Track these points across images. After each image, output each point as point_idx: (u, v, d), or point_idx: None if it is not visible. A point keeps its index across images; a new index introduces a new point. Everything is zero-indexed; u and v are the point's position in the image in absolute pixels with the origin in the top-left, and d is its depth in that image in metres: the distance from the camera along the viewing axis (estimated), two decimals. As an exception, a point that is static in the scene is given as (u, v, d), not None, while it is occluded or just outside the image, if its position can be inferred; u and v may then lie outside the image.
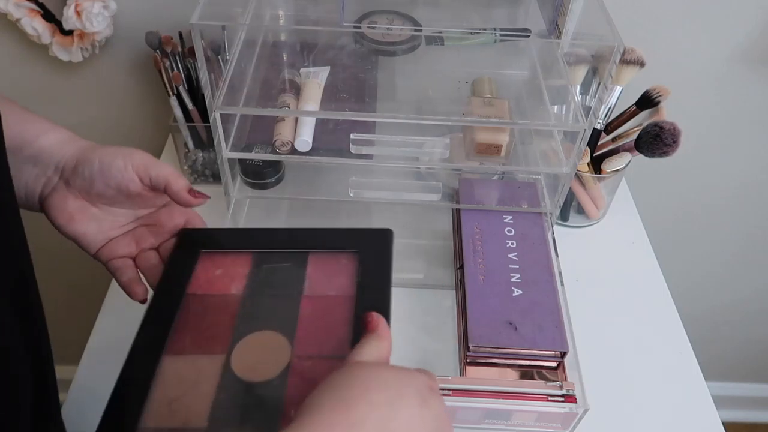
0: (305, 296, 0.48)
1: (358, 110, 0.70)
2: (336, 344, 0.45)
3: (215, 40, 0.63)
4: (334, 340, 0.45)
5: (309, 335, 0.45)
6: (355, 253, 0.50)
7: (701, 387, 0.67)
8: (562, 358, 0.59)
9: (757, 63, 0.91)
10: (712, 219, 1.13)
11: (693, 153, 0.98)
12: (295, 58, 0.76)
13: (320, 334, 0.45)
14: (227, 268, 0.50)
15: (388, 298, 0.46)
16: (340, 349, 0.44)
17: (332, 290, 0.48)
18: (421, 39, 0.75)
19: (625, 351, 0.70)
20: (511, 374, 0.60)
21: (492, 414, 0.58)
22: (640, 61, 0.75)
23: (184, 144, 0.85)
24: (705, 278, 1.24)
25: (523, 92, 0.79)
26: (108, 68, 0.93)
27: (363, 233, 0.51)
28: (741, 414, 1.53)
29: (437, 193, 0.72)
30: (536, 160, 0.76)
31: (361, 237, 0.51)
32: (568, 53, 0.72)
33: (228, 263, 0.51)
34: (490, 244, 0.67)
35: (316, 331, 0.46)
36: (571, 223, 0.84)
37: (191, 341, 0.45)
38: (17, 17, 0.82)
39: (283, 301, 0.48)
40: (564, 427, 0.59)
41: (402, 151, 0.68)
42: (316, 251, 0.51)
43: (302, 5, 0.79)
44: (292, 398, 0.42)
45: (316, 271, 0.50)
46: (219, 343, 0.45)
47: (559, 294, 0.63)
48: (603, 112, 0.77)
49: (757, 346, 1.39)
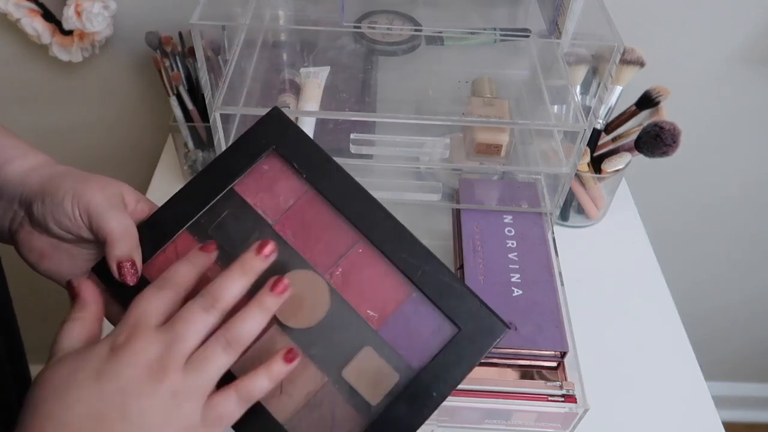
0: (275, 225, 0.45)
1: (358, 110, 0.70)
2: (342, 238, 0.44)
3: (215, 40, 0.63)
4: (337, 236, 0.44)
5: (316, 250, 0.44)
6: (270, 153, 0.46)
7: (701, 387, 0.67)
8: (562, 358, 0.59)
9: (757, 63, 0.91)
10: (712, 219, 1.13)
11: (693, 153, 0.98)
12: (295, 58, 0.76)
13: (323, 242, 0.44)
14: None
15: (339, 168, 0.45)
16: (348, 238, 0.44)
17: (289, 200, 0.46)
18: (421, 39, 0.75)
19: (625, 351, 0.70)
20: (511, 374, 0.60)
21: (492, 414, 0.58)
22: (640, 61, 0.75)
23: (184, 144, 0.85)
24: (705, 278, 1.24)
25: (523, 92, 0.79)
26: (108, 68, 0.93)
27: (257, 132, 0.46)
28: (741, 414, 1.53)
29: (437, 193, 0.72)
30: (536, 160, 0.76)
31: (260, 135, 0.46)
32: (568, 53, 0.72)
33: (174, 257, 0.45)
34: (490, 244, 0.67)
35: (317, 243, 0.44)
36: (571, 223, 0.84)
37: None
38: (17, 17, 0.82)
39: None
40: (564, 427, 0.59)
41: (402, 151, 0.68)
42: (236, 181, 0.46)
43: (302, 5, 0.79)
44: (360, 304, 0.43)
45: (256, 196, 0.46)
46: None
47: (559, 294, 0.63)
48: (603, 112, 0.77)
49: (757, 346, 1.39)
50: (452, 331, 0.42)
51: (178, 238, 0.45)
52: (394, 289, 0.43)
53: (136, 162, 1.04)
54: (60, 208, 0.41)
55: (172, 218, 0.45)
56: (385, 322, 0.43)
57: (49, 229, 0.43)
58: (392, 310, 0.43)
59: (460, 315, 0.42)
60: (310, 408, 0.41)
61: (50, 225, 0.42)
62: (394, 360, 0.42)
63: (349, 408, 0.41)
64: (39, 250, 0.44)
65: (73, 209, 0.41)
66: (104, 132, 1.02)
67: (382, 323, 0.43)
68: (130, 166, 1.05)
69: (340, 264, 0.44)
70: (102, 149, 1.04)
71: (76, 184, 0.42)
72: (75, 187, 0.42)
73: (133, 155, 1.04)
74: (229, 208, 0.46)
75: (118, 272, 0.42)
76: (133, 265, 0.42)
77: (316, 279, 0.44)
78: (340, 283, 0.44)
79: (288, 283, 0.39)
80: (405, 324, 0.43)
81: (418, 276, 0.43)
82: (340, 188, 0.45)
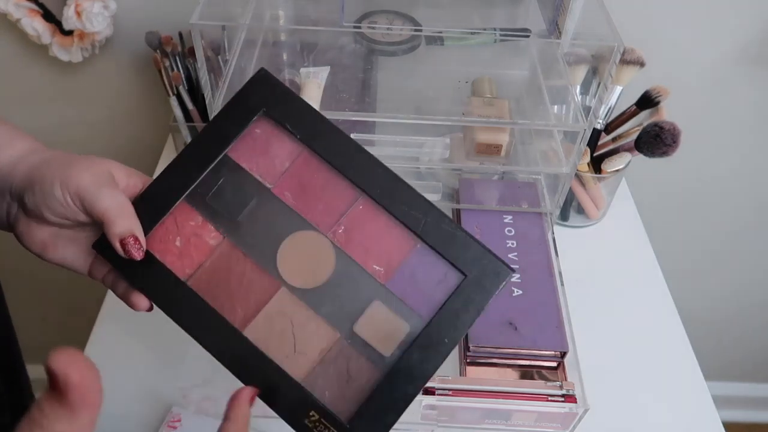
0: (274, 188, 0.45)
1: (358, 110, 0.70)
2: (342, 196, 0.44)
3: (215, 40, 0.63)
4: (337, 194, 0.44)
5: (316, 210, 0.44)
6: (260, 116, 0.45)
7: (701, 387, 0.67)
8: (562, 358, 0.59)
9: (757, 63, 0.91)
10: (712, 219, 1.13)
11: (693, 153, 0.98)
12: (295, 58, 0.76)
13: (323, 201, 0.45)
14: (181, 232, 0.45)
15: (331, 125, 0.45)
16: (348, 195, 0.44)
17: (284, 163, 0.45)
18: (421, 39, 0.75)
19: (625, 351, 0.70)
20: (511, 374, 0.60)
21: (492, 414, 0.58)
22: (640, 61, 0.75)
23: (184, 144, 0.85)
24: (705, 278, 1.24)
25: (523, 92, 0.79)
26: (108, 68, 0.93)
27: (245, 95, 0.45)
28: (741, 414, 1.53)
29: (437, 193, 0.72)
30: (536, 160, 0.76)
31: (248, 98, 0.45)
32: (568, 53, 0.72)
33: (174, 228, 0.45)
34: (490, 244, 0.67)
35: (316, 203, 0.45)
36: (571, 223, 0.84)
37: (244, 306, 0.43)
38: (17, 17, 0.82)
39: (262, 209, 0.45)
40: (564, 427, 0.59)
41: (402, 151, 0.68)
42: (229, 147, 0.45)
43: (302, 5, 0.79)
44: (365, 259, 0.43)
45: (251, 160, 0.45)
46: (265, 284, 0.43)
47: (559, 294, 0.63)
48: (603, 112, 0.77)
49: (757, 346, 1.39)
50: (458, 279, 0.43)
51: (177, 209, 0.45)
52: (398, 242, 0.44)
53: (136, 162, 1.04)
54: (50, 196, 0.40)
55: (168, 189, 0.45)
56: (392, 275, 0.43)
57: (45, 218, 0.42)
58: (398, 263, 0.43)
59: (465, 262, 0.43)
60: (325, 365, 0.42)
61: (46, 214, 0.41)
62: (404, 311, 0.42)
63: (364, 361, 0.42)
64: (40, 241, 0.43)
65: (63, 195, 0.40)
66: (104, 132, 1.02)
67: (389, 277, 0.43)
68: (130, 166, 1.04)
69: (341, 222, 0.44)
70: (102, 149, 1.04)
71: (63, 170, 0.41)
72: (61, 172, 0.41)
73: (133, 155, 1.04)
74: (225, 175, 0.45)
75: (122, 250, 0.41)
76: (136, 240, 0.41)
77: (320, 239, 0.44)
78: (344, 240, 0.44)
79: None
80: (411, 275, 0.43)
81: (420, 227, 0.43)
82: (335, 146, 0.45)
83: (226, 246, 0.44)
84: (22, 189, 0.41)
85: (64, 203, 0.40)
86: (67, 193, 0.40)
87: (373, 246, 0.44)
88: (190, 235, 0.45)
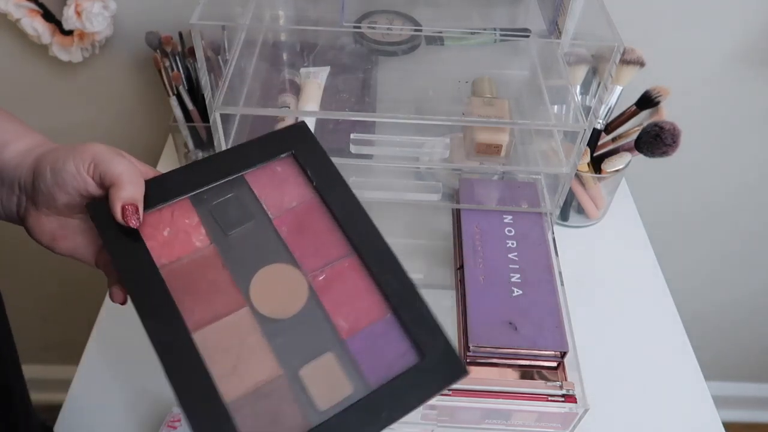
0: (274, 219, 0.47)
1: (358, 110, 0.70)
2: (334, 248, 0.45)
3: (215, 40, 0.63)
4: (330, 244, 0.46)
5: (306, 251, 0.45)
6: (287, 156, 0.49)
7: (701, 387, 0.67)
8: (562, 358, 0.59)
9: (757, 63, 0.91)
10: (712, 219, 1.13)
11: (693, 153, 0.98)
12: (295, 58, 0.76)
13: (315, 246, 0.45)
14: (172, 225, 0.46)
15: (348, 188, 0.47)
16: (340, 249, 0.45)
17: (293, 201, 0.47)
18: (421, 39, 0.75)
19: (625, 351, 0.70)
20: (511, 374, 0.60)
21: (492, 414, 0.58)
22: (640, 61, 0.75)
23: (184, 144, 0.85)
24: (705, 278, 1.24)
25: (523, 92, 0.79)
26: (108, 68, 0.93)
27: (283, 134, 0.49)
28: (741, 414, 1.53)
29: (437, 193, 0.72)
30: (536, 160, 0.76)
31: (283, 138, 0.49)
32: (568, 53, 0.72)
33: (169, 219, 0.46)
34: (490, 244, 0.67)
35: (309, 245, 0.46)
36: (571, 223, 0.84)
37: (203, 310, 0.43)
38: (17, 17, 0.82)
39: (256, 233, 0.46)
40: (564, 427, 0.59)
41: (402, 151, 0.68)
42: (248, 171, 0.48)
43: (302, 5, 0.79)
44: (334, 311, 0.43)
45: (263, 189, 0.48)
46: (231, 298, 0.44)
47: (559, 294, 0.63)
48: (603, 112, 0.77)
49: (757, 346, 1.39)
50: (416, 361, 0.42)
51: (179, 203, 0.46)
52: (370, 307, 0.44)
53: (136, 162, 1.04)
54: (63, 171, 0.42)
55: (180, 183, 0.47)
56: (354, 334, 0.43)
57: (56, 201, 0.43)
58: (364, 325, 0.43)
59: (428, 348, 0.42)
60: (257, 396, 0.41)
61: (57, 195, 0.42)
62: (353, 372, 0.42)
63: (296, 408, 0.40)
64: (50, 232, 0.44)
65: (77, 166, 0.42)
66: (104, 132, 1.02)
67: (351, 335, 0.43)
68: (130, 166, 1.05)
69: (325, 270, 0.45)
70: (102, 149, 1.04)
71: (75, 148, 0.43)
72: (75, 148, 0.42)
73: (133, 155, 1.03)
74: (236, 192, 0.47)
75: (121, 214, 0.42)
76: (137, 210, 0.42)
77: (299, 277, 0.44)
78: (321, 286, 0.44)
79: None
80: (373, 341, 0.43)
81: (397, 300, 0.44)
82: (344, 203, 0.47)
83: (210, 251, 0.45)
84: (32, 178, 0.43)
85: (77, 173, 0.42)
86: (81, 163, 0.42)
87: (346, 302, 0.44)
88: (181, 230, 0.46)
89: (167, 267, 0.44)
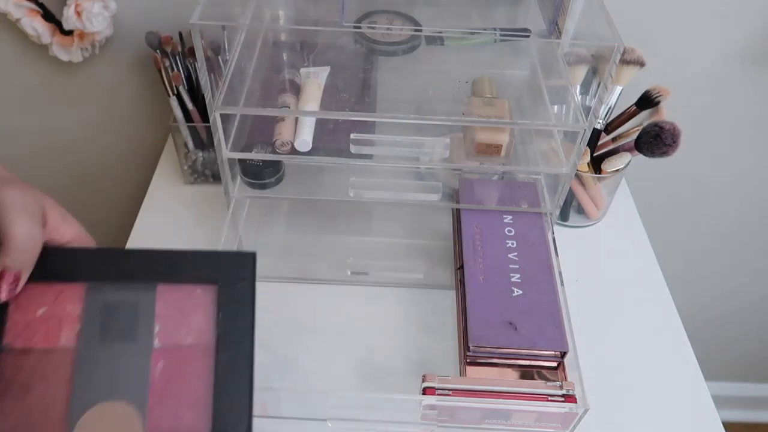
0: (156, 350, 0.41)
1: (358, 110, 0.70)
2: (194, 413, 0.39)
3: (215, 40, 0.63)
4: (191, 407, 0.40)
5: (163, 402, 0.39)
6: (213, 285, 0.43)
7: (701, 387, 0.67)
8: (562, 358, 0.59)
9: (756, 63, 0.91)
10: (713, 219, 1.13)
11: (693, 153, 0.98)
12: (295, 58, 0.76)
13: (176, 401, 0.40)
14: (52, 306, 0.41)
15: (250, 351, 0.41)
16: (198, 419, 0.39)
17: (188, 337, 0.42)
18: (421, 39, 0.75)
19: (625, 351, 0.70)
20: (511, 374, 0.60)
21: (492, 414, 0.58)
22: (640, 61, 0.75)
23: (184, 144, 0.85)
24: (705, 278, 1.24)
25: (523, 92, 0.79)
26: (108, 68, 0.93)
27: (222, 258, 0.44)
28: (741, 414, 1.53)
29: (437, 193, 0.72)
30: (536, 160, 0.76)
31: (219, 264, 0.44)
32: (568, 53, 0.72)
33: (52, 299, 0.41)
34: (490, 244, 0.67)
35: (170, 397, 0.40)
36: (571, 223, 0.84)
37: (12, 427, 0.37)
38: (17, 17, 0.82)
39: (129, 354, 0.40)
40: (564, 427, 0.59)
41: (402, 151, 0.68)
42: (166, 284, 0.42)
43: (302, 5, 0.79)
44: None
45: (168, 307, 0.42)
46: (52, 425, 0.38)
47: (559, 294, 0.63)
48: (603, 112, 0.77)
49: (757, 346, 1.39)
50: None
51: (74, 286, 0.41)
52: None
53: (136, 162, 1.04)
54: None
55: (86, 264, 0.41)
56: None
57: None
58: None
59: None
60: None
61: None
62: None
63: None
64: None
65: None
66: (104, 132, 1.02)
67: None
68: (130, 166, 1.05)
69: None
70: (101, 149, 1.04)
71: (9, 189, 0.38)
72: (6, 188, 0.38)
73: (133, 155, 1.04)
74: (141, 300, 0.42)
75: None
76: (16, 283, 0.38)
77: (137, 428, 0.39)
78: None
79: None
80: None
81: None
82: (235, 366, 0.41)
83: (67, 357, 0.40)
84: None
85: None
86: None
87: None
88: (56, 317, 0.40)
89: (12, 353, 0.39)
